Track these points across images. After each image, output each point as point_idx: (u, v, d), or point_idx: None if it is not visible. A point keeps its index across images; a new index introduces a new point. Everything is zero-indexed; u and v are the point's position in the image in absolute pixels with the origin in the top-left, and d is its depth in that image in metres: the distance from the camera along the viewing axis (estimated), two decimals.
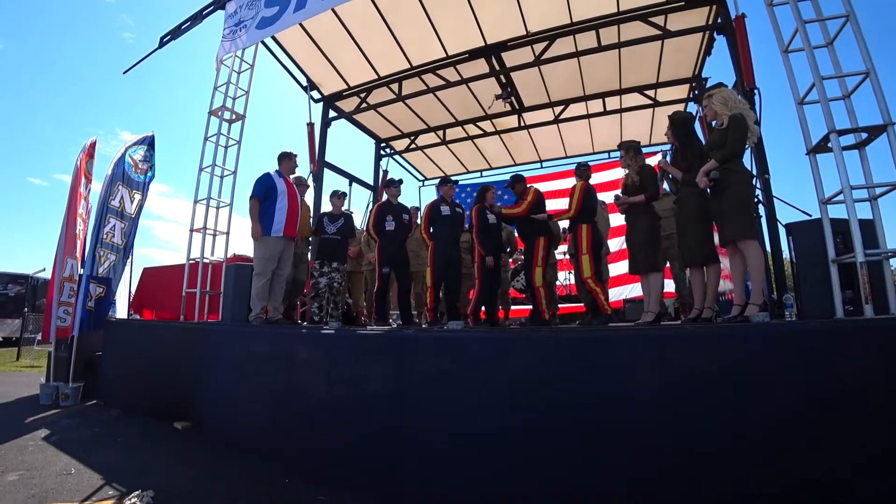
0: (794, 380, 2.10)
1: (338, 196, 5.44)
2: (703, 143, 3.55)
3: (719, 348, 2.31)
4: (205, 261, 5.44)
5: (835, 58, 3.15)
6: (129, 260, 6.25)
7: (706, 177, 3.16)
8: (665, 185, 4.24)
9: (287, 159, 4.90)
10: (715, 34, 5.50)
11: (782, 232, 3.88)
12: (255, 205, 4.57)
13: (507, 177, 9.09)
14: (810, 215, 3.44)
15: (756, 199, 4.09)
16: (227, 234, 5.62)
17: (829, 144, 2.92)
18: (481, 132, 8.51)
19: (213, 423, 4.00)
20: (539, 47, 6.17)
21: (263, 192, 4.61)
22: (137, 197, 6.29)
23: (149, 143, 6.64)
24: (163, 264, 7.79)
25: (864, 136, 2.93)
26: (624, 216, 4.08)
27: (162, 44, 6.62)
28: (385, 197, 5.44)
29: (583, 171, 4.64)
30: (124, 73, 7.03)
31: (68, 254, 5.74)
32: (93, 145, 6.32)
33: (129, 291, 6.87)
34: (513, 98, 7.14)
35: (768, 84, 4.32)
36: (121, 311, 6.42)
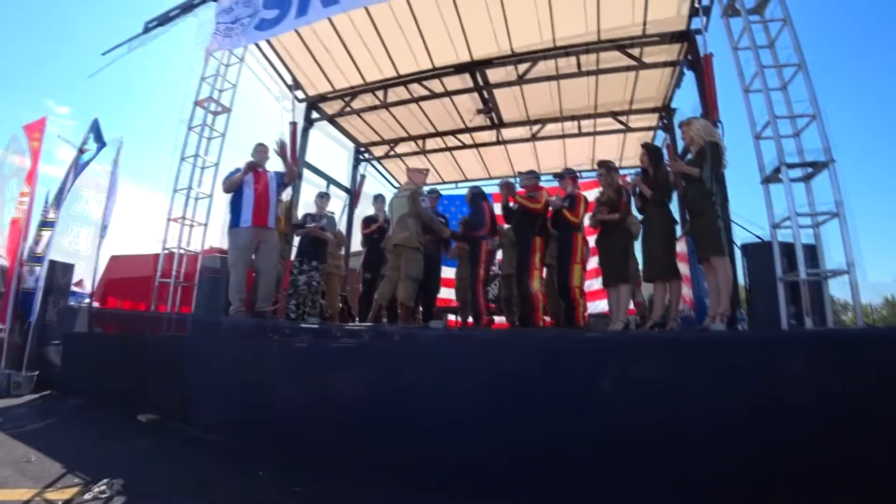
0: (746, 377, 2.37)
1: (321, 197, 5.57)
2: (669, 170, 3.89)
3: (678, 352, 2.58)
4: (180, 251, 5.38)
5: (788, 99, 3.53)
6: (101, 243, 6.12)
7: (680, 172, 3.57)
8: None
9: (255, 151, 4.90)
10: (685, 69, 5.96)
11: (738, 252, 4.22)
12: (228, 186, 4.67)
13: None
14: (762, 238, 3.81)
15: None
16: (206, 225, 5.58)
17: (780, 176, 3.27)
18: (460, 144, 8.74)
19: (185, 416, 3.94)
20: (522, 67, 6.49)
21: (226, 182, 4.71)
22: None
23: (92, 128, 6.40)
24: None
25: (810, 170, 3.30)
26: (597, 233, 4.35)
27: (147, 29, 6.51)
28: (368, 208, 5.63)
29: (577, 181, 4.77)
30: (103, 54, 6.87)
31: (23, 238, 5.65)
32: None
33: (94, 279, 6.68)
34: (493, 114, 7.41)
35: (729, 117, 4.75)
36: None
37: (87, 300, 6.95)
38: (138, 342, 4.59)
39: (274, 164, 5.04)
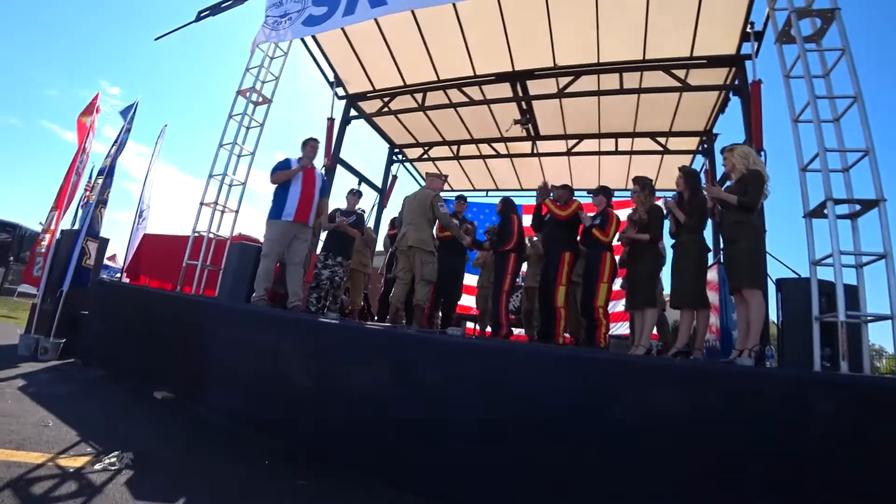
0: (772, 418, 2.27)
1: (353, 194, 5.65)
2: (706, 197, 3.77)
3: (701, 382, 2.48)
4: (209, 235, 5.50)
5: (839, 133, 3.38)
6: (142, 224, 6.31)
7: (717, 198, 3.48)
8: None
9: (304, 146, 4.94)
10: (731, 94, 5.81)
11: (771, 287, 4.07)
12: (278, 178, 4.66)
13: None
14: (799, 274, 3.65)
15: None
16: (237, 212, 5.68)
17: (825, 211, 3.12)
18: (494, 153, 8.73)
19: (198, 397, 4.00)
20: (563, 81, 6.45)
21: (277, 174, 4.70)
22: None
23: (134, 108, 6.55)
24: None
25: (858, 207, 3.14)
26: (624, 253, 4.26)
27: (199, 18, 6.69)
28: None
29: (611, 199, 4.71)
30: (156, 40, 7.11)
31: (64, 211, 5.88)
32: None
33: (126, 255, 6.90)
34: (530, 125, 7.37)
35: (771, 147, 4.60)
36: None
37: (119, 275, 7.19)
38: (159, 320, 4.68)
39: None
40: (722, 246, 3.57)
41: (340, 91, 7.64)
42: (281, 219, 4.60)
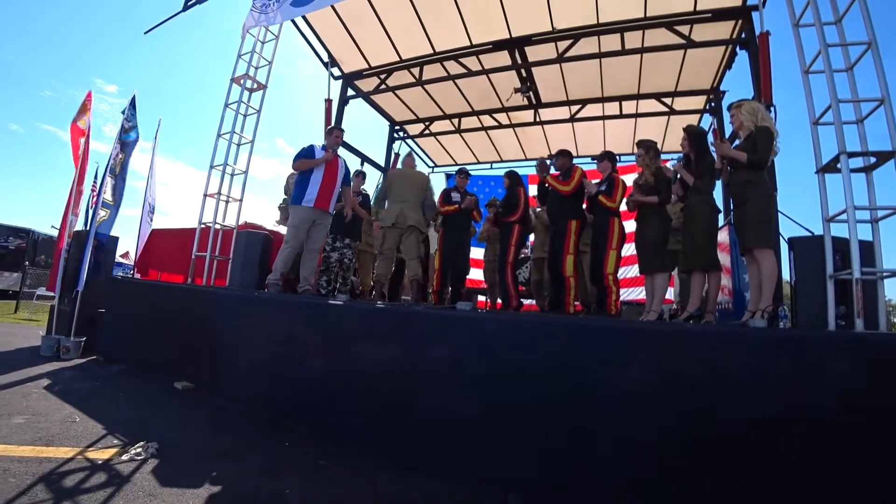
0: (788, 378, 2.25)
1: (357, 175, 5.60)
2: (714, 157, 3.67)
3: (718, 346, 2.45)
4: (216, 226, 5.51)
5: (853, 83, 3.24)
6: (150, 220, 6.32)
7: (726, 156, 3.39)
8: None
9: (329, 134, 4.95)
10: (738, 48, 5.60)
11: (784, 246, 3.99)
12: (300, 165, 4.67)
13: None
14: (812, 232, 3.57)
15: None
16: (241, 201, 5.68)
17: (839, 165, 3.02)
18: (496, 124, 8.59)
19: (217, 386, 4.06)
20: (563, 45, 6.26)
21: (299, 161, 4.70)
22: (121, 156, 6.25)
23: (130, 102, 6.47)
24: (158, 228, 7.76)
25: (873, 160, 3.03)
26: (634, 217, 4.19)
27: (186, 6, 6.58)
28: None
29: (616, 164, 4.65)
30: (145, 33, 7.01)
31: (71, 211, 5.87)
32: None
33: (136, 251, 6.97)
34: (531, 93, 7.21)
35: (781, 101, 4.44)
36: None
37: (132, 272, 7.28)
38: (172, 312, 4.74)
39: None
40: (732, 206, 3.48)
41: (336, 71, 7.51)
42: (302, 204, 4.61)
